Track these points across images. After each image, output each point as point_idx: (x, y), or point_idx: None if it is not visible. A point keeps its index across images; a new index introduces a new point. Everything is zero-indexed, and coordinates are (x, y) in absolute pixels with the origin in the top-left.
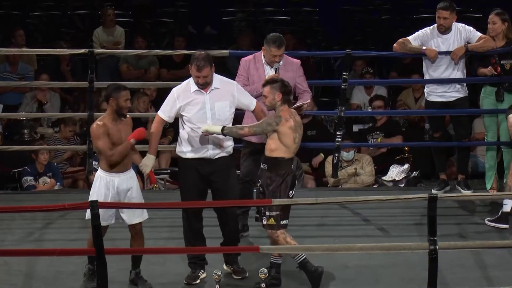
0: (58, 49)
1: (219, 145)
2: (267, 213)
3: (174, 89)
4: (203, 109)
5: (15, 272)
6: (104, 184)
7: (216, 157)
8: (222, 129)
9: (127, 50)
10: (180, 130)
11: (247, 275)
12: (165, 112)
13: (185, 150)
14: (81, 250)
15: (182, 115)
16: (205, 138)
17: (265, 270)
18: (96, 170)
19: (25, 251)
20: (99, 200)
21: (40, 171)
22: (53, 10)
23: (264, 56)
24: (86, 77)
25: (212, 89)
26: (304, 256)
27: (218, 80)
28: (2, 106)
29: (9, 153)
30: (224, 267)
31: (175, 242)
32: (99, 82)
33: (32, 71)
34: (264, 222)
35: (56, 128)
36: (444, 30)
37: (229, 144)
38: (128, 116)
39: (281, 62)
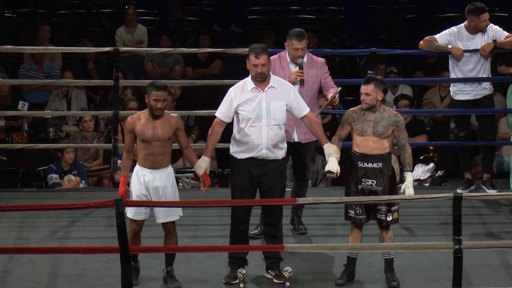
0: (83, 47)
1: (272, 146)
2: (392, 208)
3: (231, 89)
4: (259, 107)
5: (40, 270)
6: (137, 178)
7: (268, 159)
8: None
9: (152, 48)
10: (234, 130)
11: (288, 284)
12: (223, 113)
13: (238, 150)
14: (105, 248)
15: (237, 113)
16: (259, 137)
17: (290, 269)
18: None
19: (50, 249)
20: (133, 193)
21: (65, 169)
22: (79, 9)
23: (288, 54)
24: (111, 75)
25: (269, 88)
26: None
27: (275, 80)
28: (28, 104)
29: (35, 151)
30: (266, 274)
31: (200, 240)
32: (124, 81)
33: (58, 70)
34: (389, 219)
35: (80, 127)
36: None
37: (282, 147)
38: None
39: (305, 59)
